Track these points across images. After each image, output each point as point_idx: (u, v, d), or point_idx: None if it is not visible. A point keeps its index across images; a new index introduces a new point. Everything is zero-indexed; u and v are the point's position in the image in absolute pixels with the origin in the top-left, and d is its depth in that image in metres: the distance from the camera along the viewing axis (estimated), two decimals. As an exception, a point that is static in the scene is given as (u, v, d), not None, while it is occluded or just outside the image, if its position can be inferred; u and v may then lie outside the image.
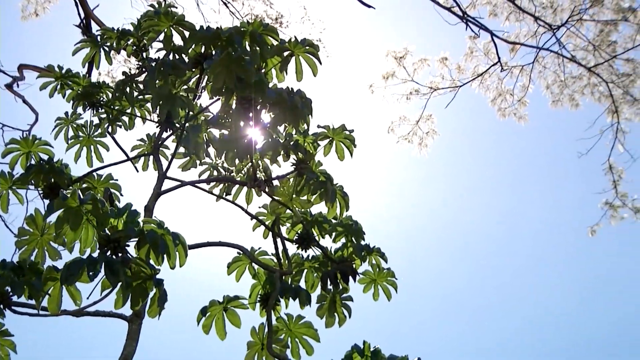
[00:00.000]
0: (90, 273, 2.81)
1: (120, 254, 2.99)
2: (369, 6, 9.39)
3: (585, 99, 11.21)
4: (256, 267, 4.39)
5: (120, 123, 4.87)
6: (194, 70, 4.28)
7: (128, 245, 3.04)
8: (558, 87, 11.32)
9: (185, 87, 4.37)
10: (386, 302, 4.54)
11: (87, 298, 3.05)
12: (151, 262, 3.07)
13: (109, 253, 2.98)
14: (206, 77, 4.23)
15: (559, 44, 10.55)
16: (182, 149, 4.71)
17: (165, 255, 3.07)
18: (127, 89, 4.68)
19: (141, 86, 4.67)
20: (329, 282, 4.34)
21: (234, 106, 4.13)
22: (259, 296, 4.38)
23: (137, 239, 3.05)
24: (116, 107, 4.82)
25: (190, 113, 4.44)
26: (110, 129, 4.86)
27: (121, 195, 4.57)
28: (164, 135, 4.64)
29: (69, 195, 2.93)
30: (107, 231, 3.02)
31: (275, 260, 4.44)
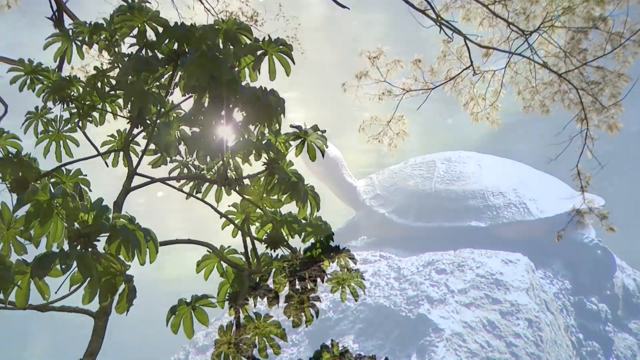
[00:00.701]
0: (63, 267, 2.80)
1: (90, 249, 2.98)
2: (344, 6, 9.42)
3: (555, 106, 11.35)
4: (225, 265, 4.39)
5: (90, 118, 4.83)
6: (167, 67, 4.26)
7: (98, 241, 3.03)
8: (529, 93, 11.45)
9: (157, 83, 4.35)
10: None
11: (55, 293, 3.04)
12: (120, 257, 3.06)
13: (78, 248, 2.97)
14: (179, 74, 4.22)
15: (531, 50, 10.68)
16: (152, 146, 4.68)
17: (135, 251, 3.07)
18: (99, 84, 4.65)
19: (113, 81, 4.64)
20: (297, 283, 4.34)
21: (206, 104, 4.12)
22: (227, 294, 4.37)
23: (108, 234, 3.04)
24: (87, 102, 4.77)
25: (162, 110, 4.42)
26: (80, 124, 4.81)
27: (90, 190, 4.54)
28: (135, 131, 4.61)
29: (39, 189, 2.91)
30: (77, 225, 3.01)
31: (244, 259, 4.43)
